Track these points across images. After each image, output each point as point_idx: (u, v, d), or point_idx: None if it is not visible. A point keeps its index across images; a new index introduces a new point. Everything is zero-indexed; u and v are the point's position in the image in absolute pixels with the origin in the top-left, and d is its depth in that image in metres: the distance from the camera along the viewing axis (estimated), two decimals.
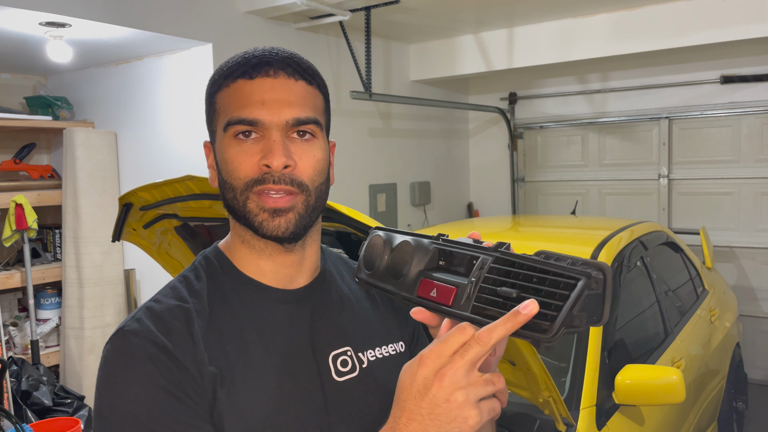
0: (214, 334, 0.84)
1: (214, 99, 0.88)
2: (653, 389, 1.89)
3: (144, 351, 0.78)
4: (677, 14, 3.73)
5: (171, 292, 0.87)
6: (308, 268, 0.94)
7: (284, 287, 0.91)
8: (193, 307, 0.85)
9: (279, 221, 0.83)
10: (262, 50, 0.87)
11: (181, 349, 0.80)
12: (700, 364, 2.70)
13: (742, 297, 4.31)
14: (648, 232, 2.94)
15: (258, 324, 0.87)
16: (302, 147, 0.85)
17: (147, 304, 0.86)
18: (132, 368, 0.78)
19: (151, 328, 0.80)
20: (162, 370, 0.78)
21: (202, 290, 0.88)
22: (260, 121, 0.83)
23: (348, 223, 1.35)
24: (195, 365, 0.80)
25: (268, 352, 0.86)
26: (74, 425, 2.74)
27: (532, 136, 5.32)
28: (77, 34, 2.92)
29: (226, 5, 3.28)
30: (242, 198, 0.83)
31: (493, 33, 4.36)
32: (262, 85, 0.84)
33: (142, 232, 1.73)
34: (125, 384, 0.77)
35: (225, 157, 0.85)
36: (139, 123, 3.55)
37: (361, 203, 4.28)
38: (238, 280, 0.90)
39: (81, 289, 3.45)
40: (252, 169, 0.82)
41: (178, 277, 0.91)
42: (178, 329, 0.81)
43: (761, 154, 4.40)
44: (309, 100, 0.87)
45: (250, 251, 0.90)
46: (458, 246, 0.81)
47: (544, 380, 1.41)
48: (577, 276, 0.67)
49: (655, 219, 4.70)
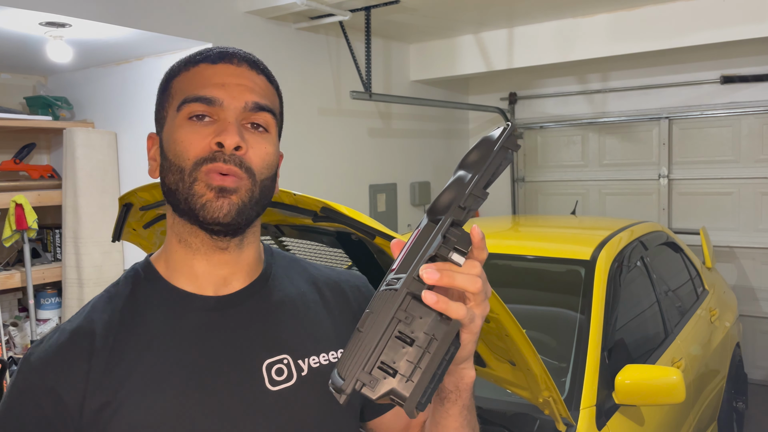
0: (117, 352, 0.82)
1: (169, 84, 0.86)
2: (653, 389, 1.89)
3: (26, 383, 0.82)
4: (677, 14, 3.73)
5: (88, 307, 0.88)
6: (244, 269, 0.90)
7: (217, 292, 0.88)
8: (100, 326, 0.84)
9: (222, 203, 0.80)
10: (225, 46, 0.88)
11: (65, 383, 0.80)
12: (700, 364, 2.70)
13: (742, 297, 4.31)
14: (648, 232, 2.94)
15: (171, 336, 0.84)
16: (255, 137, 0.83)
17: (61, 326, 0.87)
18: (12, 398, 0.82)
19: (42, 362, 0.82)
20: (36, 407, 0.80)
21: (117, 304, 0.87)
22: (218, 99, 0.81)
23: (348, 223, 1.35)
24: (78, 401, 0.80)
25: (178, 365, 0.82)
26: None
27: (532, 136, 5.32)
28: (77, 34, 2.92)
29: (226, 5, 3.28)
30: (189, 179, 0.80)
31: (493, 33, 4.36)
32: (225, 70, 0.83)
33: (142, 232, 1.73)
34: (5, 423, 0.81)
35: (175, 137, 0.82)
36: (139, 123, 3.55)
37: (361, 203, 4.28)
38: (159, 290, 0.87)
39: (81, 289, 3.45)
40: (203, 149, 0.80)
41: (104, 290, 0.91)
42: (74, 357, 0.82)
43: (761, 154, 4.40)
44: (269, 94, 0.86)
45: (185, 252, 0.87)
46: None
47: (544, 380, 1.41)
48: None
49: (655, 219, 4.70)
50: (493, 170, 0.74)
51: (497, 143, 0.74)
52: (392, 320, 0.69)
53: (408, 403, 0.67)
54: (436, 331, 0.68)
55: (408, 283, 0.69)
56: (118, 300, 0.87)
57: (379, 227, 1.31)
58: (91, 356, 0.81)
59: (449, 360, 0.69)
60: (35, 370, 0.81)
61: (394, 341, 0.69)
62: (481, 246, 0.70)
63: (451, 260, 0.69)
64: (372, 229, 1.31)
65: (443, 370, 0.69)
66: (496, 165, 0.74)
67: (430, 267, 0.67)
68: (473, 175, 0.74)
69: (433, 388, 0.68)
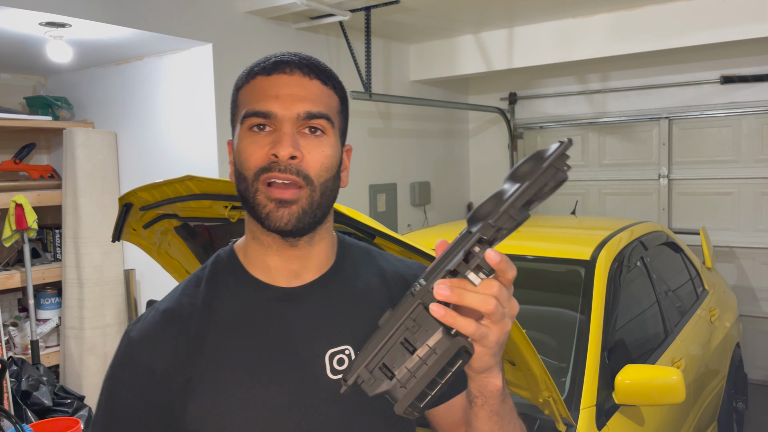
0: (202, 333, 0.91)
1: (236, 96, 0.93)
2: (653, 389, 1.89)
3: (126, 355, 0.93)
4: (677, 14, 3.73)
5: (179, 288, 0.97)
6: (315, 263, 0.95)
7: (289, 283, 0.94)
8: (188, 308, 0.93)
9: (282, 212, 0.85)
10: (282, 53, 0.92)
11: (158, 357, 0.90)
12: (700, 364, 2.70)
13: (742, 297, 4.31)
14: (648, 232, 2.94)
15: (249, 322, 0.91)
16: (312, 142, 0.87)
17: (155, 305, 0.96)
18: (114, 368, 0.93)
19: (139, 338, 0.92)
20: (133, 378, 0.91)
21: (203, 288, 0.94)
22: (273, 113, 0.86)
23: (348, 223, 1.35)
24: (168, 374, 0.89)
25: (250, 349, 0.90)
26: (74, 425, 2.74)
27: (532, 136, 5.32)
28: (77, 34, 2.92)
29: (226, 5, 3.28)
30: (252, 189, 0.87)
31: (493, 33, 4.36)
32: (278, 81, 0.88)
33: (142, 232, 1.73)
34: (106, 384, 0.93)
35: (239, 148, 0.89)
36: (139, 123, 3.55)
37: (361, 203, 4.28)
38: (239, 278, 0.94)
39: (81, 289, 3.45)
40: (261, 158, 0.86)
41: (193, 273, 0.99)
42: (166, 335, 0.91)
43: (761, 154, 4.40)
44: (322, 98, 0.89)
45: (259, 247, 0.93)
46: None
47: (544, 380, 1.41)
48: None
49: (655, 219, 4.70)
50: (536, 189, 0.69)
51: (547, 160, 0.69)
52: (400, 326, 0.71)
53: (397, 406, 0.70)
54: (438, 345, 0.70)
55: (422, 293, 0.71)
56: (204, 284, 0.95)
57: (379, 227, 1.32)
58: (179, 336, 0.91)
59: (454, 371, 0.70)
60: (132, 345, 0.92)
61: (398, 346, 0.71)
62: (501, 268, 0.71)
63: (467, 278, 0.70)
64: (372, 229, 1.31)
65: (447, 379, 0.70)
66: (540, 184, 0.69)
67: (443, 283, 0.70)
68: (515, 191, 0.70)
69: (433, 395, 0.70)
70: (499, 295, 0.71)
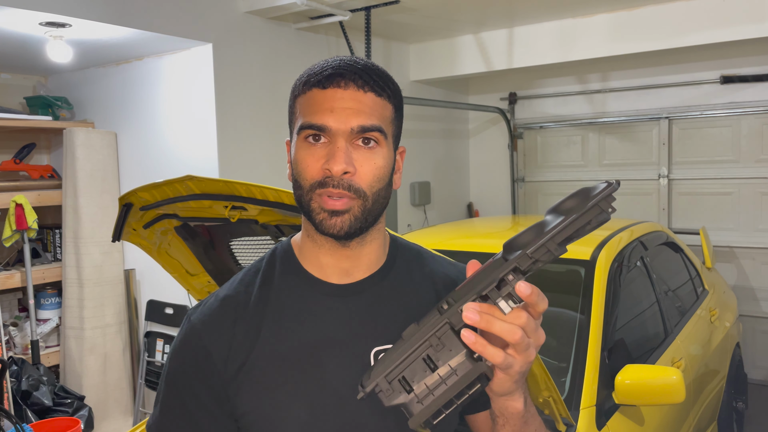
0: (255, 321, 0.95)
1: (294, 103, 0.96)
2: (653, 389, 1.89)
3: (186, 339, 0.98)
4: (677, 14, 3.73)
5: (234, 280, 1.02)
6: (366, 263, 0.99)
7: (340, 280, 0.98)
8: (243, 297, 0.98)
9: (335, 221, 0.89)
10: (339, 61, 0.93)
11: (215, 343, 0.95)
12: (700, 364, 2.70)
13: (742, 297, 4.31)
14: (648, 232, 2.94)
15: (301, 315, 0.96)
16: (365, 154, 0.91)
17: (216, 292, 1.02)
18: (175, 350, 0.98)
19: (198, 324, 0.97)
20: (193, 360, 0.95)
21: (258, 280, 1.00)
22: (327, 127, 0.89)
23: None
24: (223, 360, 0.94)
25: (300, 341, 0.94)
26: (74, 425, 2.74)
27: (532, 136, 5.32)
28: (77, 34, 2.92)
29: (226, 5, 3.28)
30: (307, 197, 0.91)
31: (493, 33, 4.36)
32: (333, 95, 0.90)
33: (142, 232, 1.73)
34: (168, 364, 0.99)
35: (296, 157, 0.93)
36: (139, 123, 3.55)
37: None
38: (293, 272, 0.99)
39: (81, 289, 3.45)
40: (317, 171, 0.90)
41: (251, 264, 1.04)
42: (223, 322, 0.96)
43: (761, 154, 4.40)
44: (376, 110, 0.92)
45: (313, 245, 0.98)
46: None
47: (544, 380, 1.41)
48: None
49: (655, 219, 4.70)
50: (578, 227, 0.70)
51: (593, 198, 0.69)
52: (424, 343, 0.73)
53: (412, 421, 0.72)
54: (459, 367, 0.72)
55: (451, 313, 0.73)
56: (260, 275, 1.00)
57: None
58: (235, 323, 0.96)
59: (472, 394, 0.72)
60: (193, 329, 0.97)
61: (419, 362, 0.73)
62: (532, 300, 0.73)
63: (497, 305, 0.71)
64: None
65: (463, 401, 0.72)
66: (583, 222, 0.69)
67: (473, 308, 0.71)
68: (556, 225, 0.70)
69: (449, 413, 0.71)
70: (527, 326, 0.73)
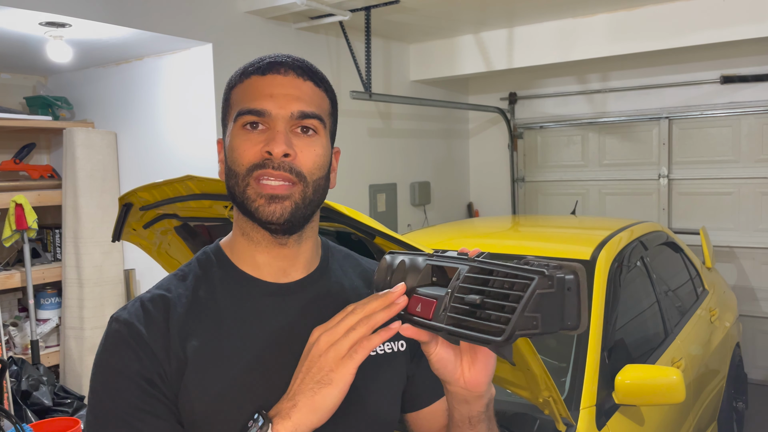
0: (191, 322, 0.90)
1: (229, 95, 0.94)
2: (653, 389, 1.89)
3: (120, 335, 0.88)
4: (677, 14, 3.73)
5: (163, 282, 0.96)
6: (303, 262, 0.97)
7: (277, 280, 0.95)
8: (175, 297, 0.92)
9: (274, 207, 0.87)
10: (276, 54, 0.94)
11: (153, 336, 0.88)
12: (700, 364, 2.70)
13: (742, 297, 4.31)
14: (648, 232, 2.94)
15: (239, 315, 0.92)
16: (304, 141, 0.90)
17: (140, 295, 0.95)
18: (109, 351, 0.88)
19: (131, 318, 0.89)
20: (134, 354, 0.87)
21: (190, 282, 0.95)
22: (267, 111, 0.88)
23: (348, 223, 1.35)
24: (164, 351, 0.87)
25: (244, 341, 0.90)
26: (74, 425, 2.74)
27: (532, 136, 5.32)
28: (77, 34, 2.92)
29: (226, 5, 3.28)
30: (243, 184, 0.88)
31: (493, 33, 4.36)
32: (272, 81, 0.90)
33: (142, 232, 1.73)
34: (102, 368, 0.88)
35: (232, 145, 0.90)
36: (139, 123, 3.55)
37: (361, 203, 4.28)
38: (228, 272, 0.96)
39: (81, 289, 3.45)
40: (255, 155, 0.87)
41: (174, 271, 0.99)
42: (155, 318, 0.89)
43: (761, 154, 4.40)
44: (315, 99, 0.92)
45: (248, 243, 0.95)
46: (445, 260, 0.82)
47: (544, 380, 1.41)
48: (531, 276, 0.67)
49: (655, 219, 4.70)
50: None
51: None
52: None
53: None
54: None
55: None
56: (191, 279, 0.95)
57: (379, 227, 1.31)
58: (168, 321, 0.90)
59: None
60: (125, 323, 0.89)
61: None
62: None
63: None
64: (372, 229, 1.31)
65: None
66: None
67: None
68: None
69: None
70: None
